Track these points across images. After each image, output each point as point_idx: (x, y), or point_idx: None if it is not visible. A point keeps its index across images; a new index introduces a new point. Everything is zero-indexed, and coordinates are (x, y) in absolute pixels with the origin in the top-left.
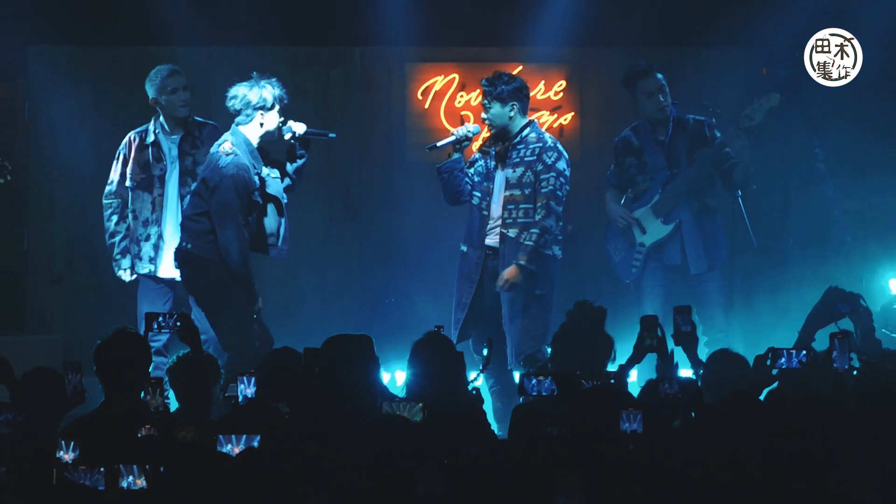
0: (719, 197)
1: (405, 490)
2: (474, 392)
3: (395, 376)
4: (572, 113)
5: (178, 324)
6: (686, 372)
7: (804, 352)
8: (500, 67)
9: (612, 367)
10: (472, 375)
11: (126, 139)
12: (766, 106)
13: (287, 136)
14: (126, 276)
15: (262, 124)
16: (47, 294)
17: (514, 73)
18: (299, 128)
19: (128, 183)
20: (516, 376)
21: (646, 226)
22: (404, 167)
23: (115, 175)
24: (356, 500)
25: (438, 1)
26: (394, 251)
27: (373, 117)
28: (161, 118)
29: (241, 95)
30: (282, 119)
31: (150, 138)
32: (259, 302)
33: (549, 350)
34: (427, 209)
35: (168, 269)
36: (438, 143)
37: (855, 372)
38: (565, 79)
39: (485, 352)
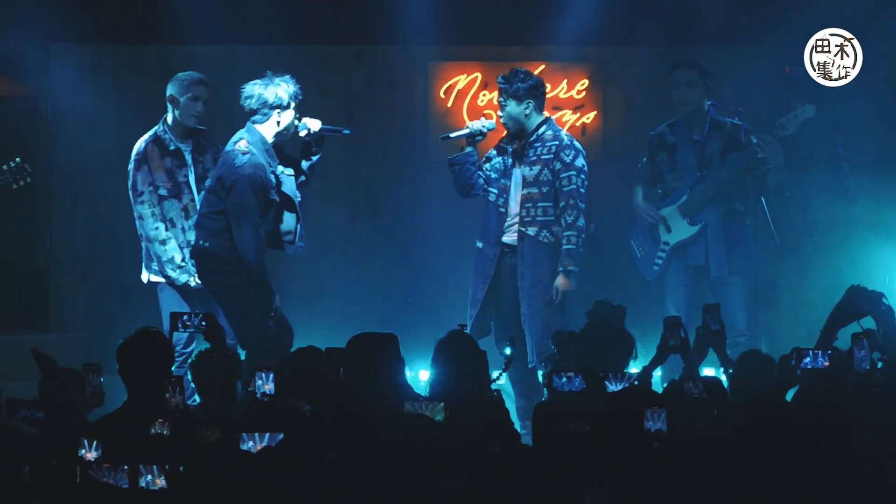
0: (748, 202)
1: (428, 490)
2: (496, 394)
3: (419, 375)
4: (595, 112)
5: (203, 324)
6: (709, 371)
7: (829, 351)
8: (523, 66)
9: (633, 366)
10: (494, 374)
11: (141, 147)
12: (801, 117)
13: (302, 134)
14: (195, 281)
15: (278, 122)
16: (71, 292)
17: (537, 71)
18: (314, 125)
19: (160, 191)
20: (540, 375)
21: (671, 225)
22: (427, 166)
23: (143, 185)
24: (379, 500)
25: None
26: (416, 250)
27: (395, 116)
28: (169, 123)
29: (257, 94)
30: (297, 116)
31: (173, 146)
32: (277, 300)
33: None
34: (450, 208)
35: None
36: (451, 135)
37: (879, 374)
38: (588, 78)
39: (507, 351)
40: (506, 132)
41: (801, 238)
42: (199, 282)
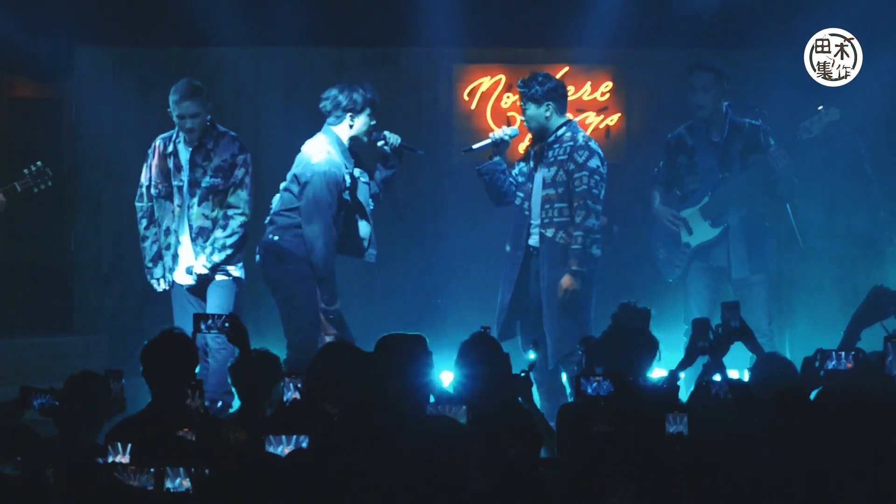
0: (768, 204)
1: (454, 491)
2: (522, 374)
3: (442, 377)
4: (619, 114)
5: (227, 325)
6: (733, 373)
7: (853, 353)
8: (547, 68)
9: (657, 367)
10: None
11: (154, 144)
12: (825, 120)
13: (379, 143)
14: (158, 285)
15: (351, 126)
16: (94, 294)
17: (560, 74)
18: (394, 138)
19: (153, 190)
20: (564, 377)
21: (693, 227)
22: (451, 168)
23: (144, 179)
24: (404, 501)
25: (485, 2)
26: (440, 252)
27: (419, 119)
28: None
29: (332, 96)
30: (373, 123)
31: (171, 148)
32: (337, 302)
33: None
34: (474, 210)
35: (180, 278)
36: (474, 146)
37: None
38: (611, 80)
39: (531, 354)
40: (531, 136)
41: (825, 240)
42: (167, 286)
